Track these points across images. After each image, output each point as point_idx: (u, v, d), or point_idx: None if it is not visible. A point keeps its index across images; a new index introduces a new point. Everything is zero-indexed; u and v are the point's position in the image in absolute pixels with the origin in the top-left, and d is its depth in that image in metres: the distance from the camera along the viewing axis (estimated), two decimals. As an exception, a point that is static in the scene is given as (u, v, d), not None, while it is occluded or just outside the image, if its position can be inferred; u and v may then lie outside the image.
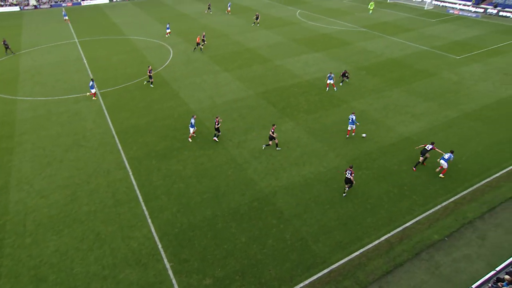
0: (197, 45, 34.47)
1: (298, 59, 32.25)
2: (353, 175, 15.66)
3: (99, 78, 28.50)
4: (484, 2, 51.00)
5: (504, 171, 17.39)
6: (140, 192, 16.34)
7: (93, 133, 20.92)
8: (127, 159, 18.61)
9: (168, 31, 38.84)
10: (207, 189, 16.53)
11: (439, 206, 15.35)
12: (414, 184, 16.74)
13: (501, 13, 47.28)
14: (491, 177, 16.96)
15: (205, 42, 34.97)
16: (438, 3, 54.85)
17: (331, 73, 26.03)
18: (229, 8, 50.24)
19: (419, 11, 51.66)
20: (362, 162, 18.31)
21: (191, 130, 19.82)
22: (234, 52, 34.11)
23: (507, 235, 14.09)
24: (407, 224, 14.57)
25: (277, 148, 19.25)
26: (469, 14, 48.67)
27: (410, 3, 55.99)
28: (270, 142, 19.08)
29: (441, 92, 25.51)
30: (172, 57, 33.08)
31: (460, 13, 49.62)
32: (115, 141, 20.18)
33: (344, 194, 16.11)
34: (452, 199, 15.68)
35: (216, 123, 19.62)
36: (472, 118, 22.13)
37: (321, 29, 41.84)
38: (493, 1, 50.03)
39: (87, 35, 40.27)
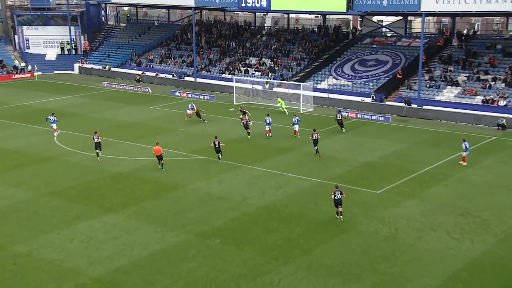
0: None
1: (71, 234, 30.33)
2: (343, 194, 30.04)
3: None
4: (389, 98, 61.99)
5: None
6: None
7: None
8: None
9: (54, 127, 51.62)
10: None
11: None
12: None
13: (420, 112, 57.17)
14: None
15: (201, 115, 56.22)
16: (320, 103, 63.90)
17: (295, 115, 47.19)
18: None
19: (288, 116, 57.33)
20: None
21: None
22: None
23: None
24: None
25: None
26: (373, 117, 56.69)
27: (267, 103, 64.04)
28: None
29: (369, 262, 26.20)
30: None
31: (359, 115, 57.78)
32: None
33: (341, 218, 30.35)
34: None
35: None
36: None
37: (114, 165, 42.61)
38: (403, 96, 61.04)
39: None
